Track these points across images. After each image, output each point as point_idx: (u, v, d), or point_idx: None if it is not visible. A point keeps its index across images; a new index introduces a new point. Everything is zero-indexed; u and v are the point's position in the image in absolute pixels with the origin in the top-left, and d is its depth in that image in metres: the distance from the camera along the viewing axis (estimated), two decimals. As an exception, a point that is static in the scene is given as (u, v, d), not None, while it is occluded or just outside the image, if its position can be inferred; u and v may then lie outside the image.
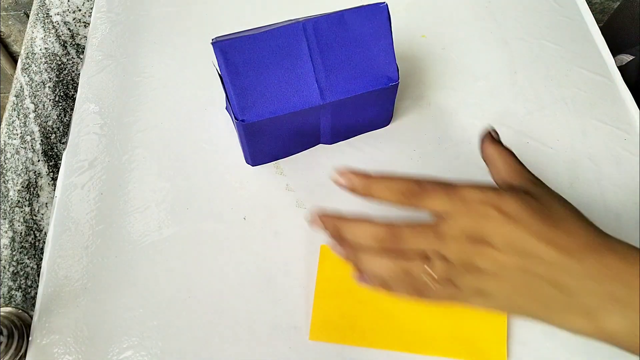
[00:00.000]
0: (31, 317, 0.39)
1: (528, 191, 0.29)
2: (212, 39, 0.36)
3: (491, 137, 0.33)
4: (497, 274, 0.27)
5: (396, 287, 0.30)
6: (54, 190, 0.44)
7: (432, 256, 0.29)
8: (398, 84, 0.39)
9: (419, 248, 0.29)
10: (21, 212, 0.44)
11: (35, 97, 0.50)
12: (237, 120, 0.36)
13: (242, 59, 0.36)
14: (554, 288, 0.26)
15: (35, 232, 0.43)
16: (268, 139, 0.40)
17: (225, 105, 0.38)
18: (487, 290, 0.28)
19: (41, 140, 0.47)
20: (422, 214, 0.30)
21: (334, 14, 0.37)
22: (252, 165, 0.43)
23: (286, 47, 0.37)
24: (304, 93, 0.37)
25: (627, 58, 0.61)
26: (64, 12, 0.56)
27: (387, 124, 0.46)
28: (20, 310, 0.40)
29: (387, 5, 0.38)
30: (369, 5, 0.38)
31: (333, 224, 0.31)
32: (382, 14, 0.38)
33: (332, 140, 0.44)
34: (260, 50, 0.36)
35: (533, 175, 0.31)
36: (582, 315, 0.26)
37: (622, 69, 0.51)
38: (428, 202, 0.29)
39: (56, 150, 0.47)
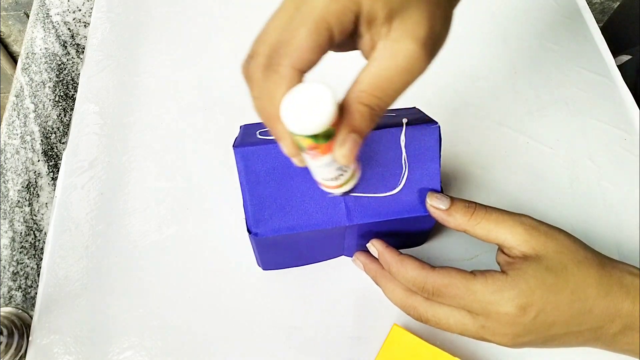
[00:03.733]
0: (31, 317, 0.39)
1: (540, 256, 0.29)
2: (234, 143, 0.33)
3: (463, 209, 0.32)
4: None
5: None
6: (54, 190, 0.44)
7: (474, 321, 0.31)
8: None
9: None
10: (21, 212, 0.44)
11: (35, 97, 0.50)
12: (250, 233, 0.33)
13: (264, 167, 0.32)
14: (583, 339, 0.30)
15: (35, 232, 0.43)
16: (283, 251, 0.37)
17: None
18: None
19: (41, 140, 0.47)
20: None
21: (375, 129, 0.33)
22: (264, 270, 0.40)
23: None
24: (329, 211, 0.33)
25: (625, 58, 0.61)
26: (64, 12, 0.56)
27: (421, 244, 0.41)
28: (20, 310, 0.40)
29: (439, 126, 0.33)
30: (418, 125, 0.33)
31: (385, 261, 0.33)
32: (432, 135, 0.33)
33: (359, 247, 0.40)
34: (286, 160, 0.31)
35: (534, 222, 0.31)
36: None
37: (619, 68, 0.51)
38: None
39: (56, 150, 0.47)
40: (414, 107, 0.37)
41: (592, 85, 0.49)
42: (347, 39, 0.25)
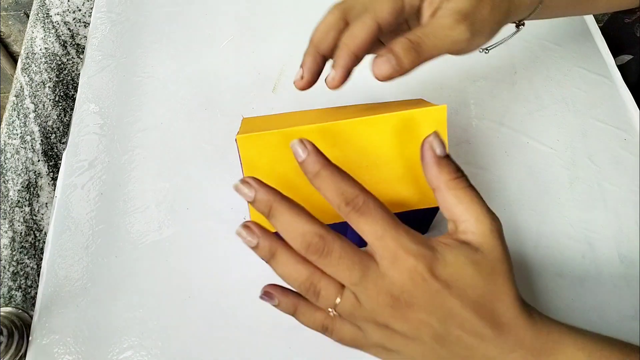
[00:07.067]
0: (31, 317, 0.39)
1: (481, 251, 0.26)
2: (237, 134, 0.33)
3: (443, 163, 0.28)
4: (412, 337, 0.26)
5: (302, 317, 0.30)
6: (54, 190, 0.44)
7: (346, 292, 0.27)
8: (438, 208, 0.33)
9: (338, 278, 0.27)
10: (21, 212, 0.44)
11: (35, 97, 0.50)
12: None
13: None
14: (468, 354, 0.26)
15: (35, 232, 0.43)
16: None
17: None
18: (395, 349, 0.27)
19: (41, 140, 0.47)
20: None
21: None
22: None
23: None
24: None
25: (627, 58, 0.61)
26: (64, 12, 0.56)
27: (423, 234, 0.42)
28: (20, 310, 0.40)
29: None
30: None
31: (268, 200, 0.27)
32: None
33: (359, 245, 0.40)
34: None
35: (501, 232, 0.27)
36: None
37: (621, 68, 0.51)
38: (362, 228, 0.27)
39: (56, 150, 0.47)
40: (420, 99, 0.37)
41: (592, 85, 0.49)
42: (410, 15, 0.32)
